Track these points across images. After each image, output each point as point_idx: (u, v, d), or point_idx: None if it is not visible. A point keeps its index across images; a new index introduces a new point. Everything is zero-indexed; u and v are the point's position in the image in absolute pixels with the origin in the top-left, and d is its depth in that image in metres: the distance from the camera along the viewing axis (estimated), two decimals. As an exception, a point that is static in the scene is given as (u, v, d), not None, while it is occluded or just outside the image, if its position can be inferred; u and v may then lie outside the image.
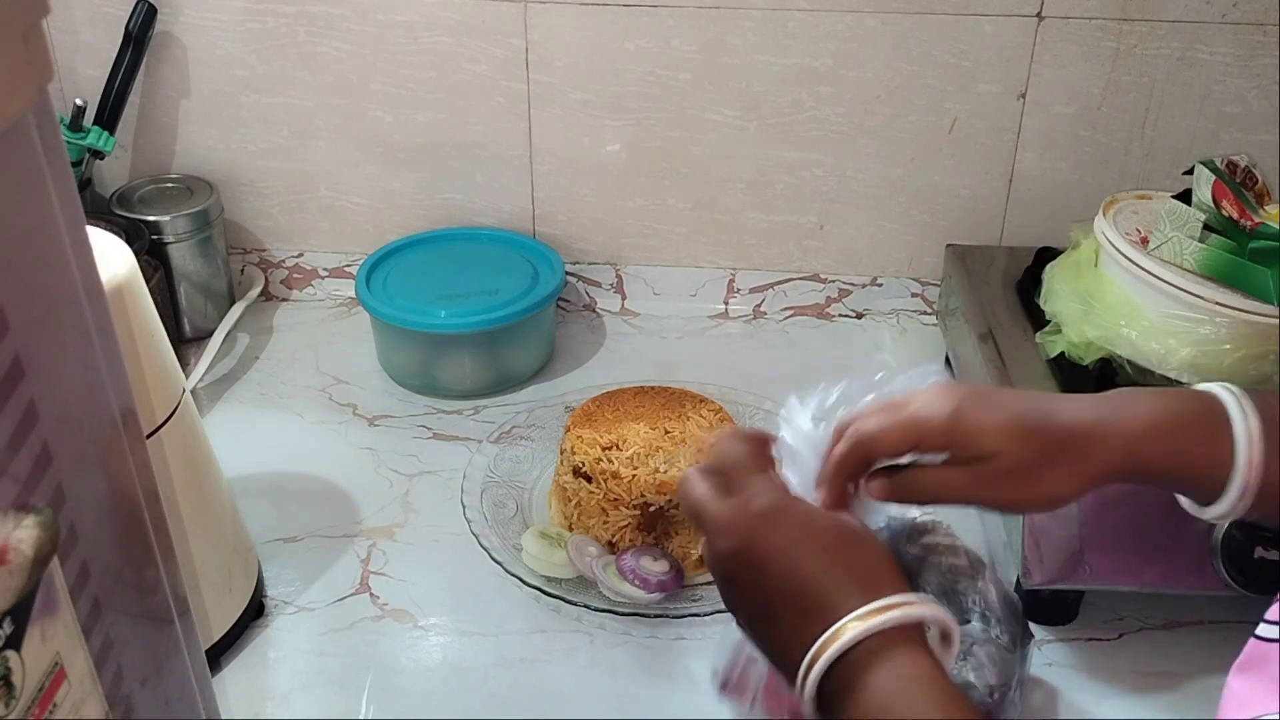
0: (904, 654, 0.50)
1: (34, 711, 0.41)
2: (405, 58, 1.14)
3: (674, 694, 0.81)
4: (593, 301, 1.25)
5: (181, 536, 0.76)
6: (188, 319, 1.18)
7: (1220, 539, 0.80)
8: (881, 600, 0.51)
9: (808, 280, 1.23)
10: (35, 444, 0.40)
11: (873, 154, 1.16)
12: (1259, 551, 0.79)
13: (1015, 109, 1.12)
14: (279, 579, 0.90)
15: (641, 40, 1.11)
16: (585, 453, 0.89)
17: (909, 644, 0.51)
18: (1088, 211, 0.93)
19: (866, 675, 0.50)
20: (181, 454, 0.76)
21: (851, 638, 0.50)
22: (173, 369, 0.76)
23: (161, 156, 1.20)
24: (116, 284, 0.68)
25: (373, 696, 0.80)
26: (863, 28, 1.09)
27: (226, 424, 1.07)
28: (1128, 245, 0.87)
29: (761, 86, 1.13)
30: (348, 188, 1.21)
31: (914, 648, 0.51)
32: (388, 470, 1.01)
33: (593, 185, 1.19)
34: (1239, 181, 0.86)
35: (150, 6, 1.10)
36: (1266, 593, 0.80)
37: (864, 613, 0.50)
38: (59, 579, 0.42)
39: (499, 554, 0.88)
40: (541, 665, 0.83)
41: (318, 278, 1.26)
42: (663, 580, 0.85)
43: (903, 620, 0.50)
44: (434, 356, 1.10)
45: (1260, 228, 0.83)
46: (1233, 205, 0.84)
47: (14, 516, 0.39)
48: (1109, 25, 1.08)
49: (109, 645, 0.47)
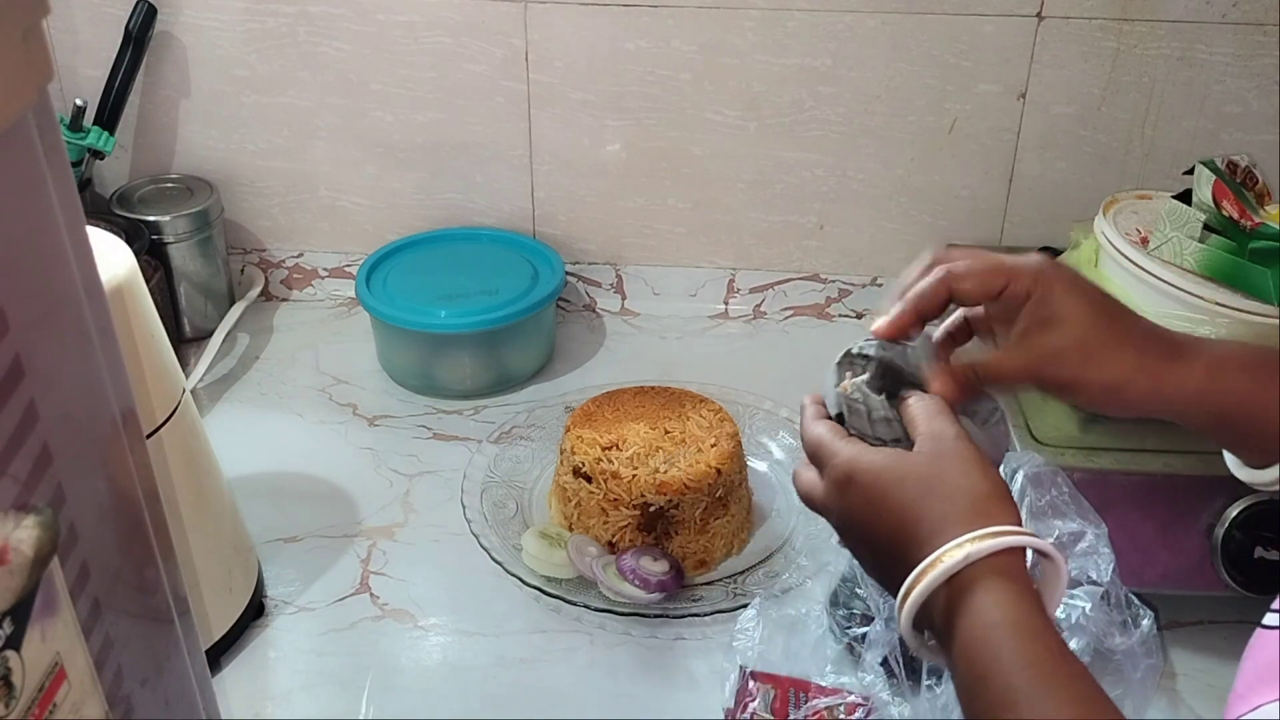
0: (998, 588, 0.50)
1: (34, 711, 0.41)
2: (405, 58, 1.14)
3: (674, 694, 0.81)
4: (593, 301, 1.25)
5: (181, 536, 0.76)
6: (188, 319, 1.18)
7: (1220, 539, 0.80)
8: (982, 530, 0.51)
9: (808, 280, 1.23)
10: (35, 444, 0.40)
11: (873, 154, 1.16)
12: (1259, 551, 0.79)
13: (1015, 109, 1.12)
14: (279, 579, 0.90)
15: (641, 40, 1.11)
16: (585, 453, 0.89)
17: (1005, 578, 0.50)
18: (1088, 211, 0.93)
19: (959, 611, 0.50)
20: (181, 454, 0.76)
21: (947, 567, 0.50)
22: (173, 369, 0.76)
23: (161, 156, 1.20)
24: (116, 284, 0.68)
25: (373, 696, 0.80)
26: (863, 28, 1.09)
27: (226, 424, 1.07)
28: (1128, 245, 0.87)
29: (761, 86, 1.13)
30: (348, 188, 1.21)
31: (1009, 582, 0.50)
32: (388, 470, 1.01)
33: (593, 185, 1.19)
34: (1239, 181, 0.86)
35: (150, 6, 1.10)
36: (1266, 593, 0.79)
37: (962, 541, 0.51)
38: (59, 579, 0.42)
39: (499, 554, 0.88)
40: (541, 665, 0.83)
41: (318, 278, 1.26)
42: (663, 580, 0.85)
43: (996, 549, 0.50)
44: (434, 356, 1.10)
45: (1260, 228, 0.83)
46: (1233, 205, 0.84)
47: (14, 516, 0.39)
48: (1109, 25, 1.08)
49: (109, 645, 0.47)
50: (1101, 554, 0.72)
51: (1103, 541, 0.72)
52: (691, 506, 0.88)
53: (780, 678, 0.75)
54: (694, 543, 0.89)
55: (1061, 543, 0.72)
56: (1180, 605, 0.86)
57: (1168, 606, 0.86)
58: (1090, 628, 0.70)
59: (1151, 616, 0.72)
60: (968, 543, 0.51)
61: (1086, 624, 0.70)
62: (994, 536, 0.51)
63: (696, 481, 0.87)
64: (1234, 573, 0.80)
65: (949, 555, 0.51)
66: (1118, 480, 0.81)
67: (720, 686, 0.77)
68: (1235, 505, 0.80)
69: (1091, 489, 0.79)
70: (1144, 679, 0.71)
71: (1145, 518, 0.81)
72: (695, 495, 0.87)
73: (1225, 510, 0.80)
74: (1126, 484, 0.81)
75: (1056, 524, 0.72)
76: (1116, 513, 0.79)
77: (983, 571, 0.50)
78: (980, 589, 0.50)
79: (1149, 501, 0.81)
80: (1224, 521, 0.80)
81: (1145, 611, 0.73)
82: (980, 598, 0.50)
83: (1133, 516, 0.81)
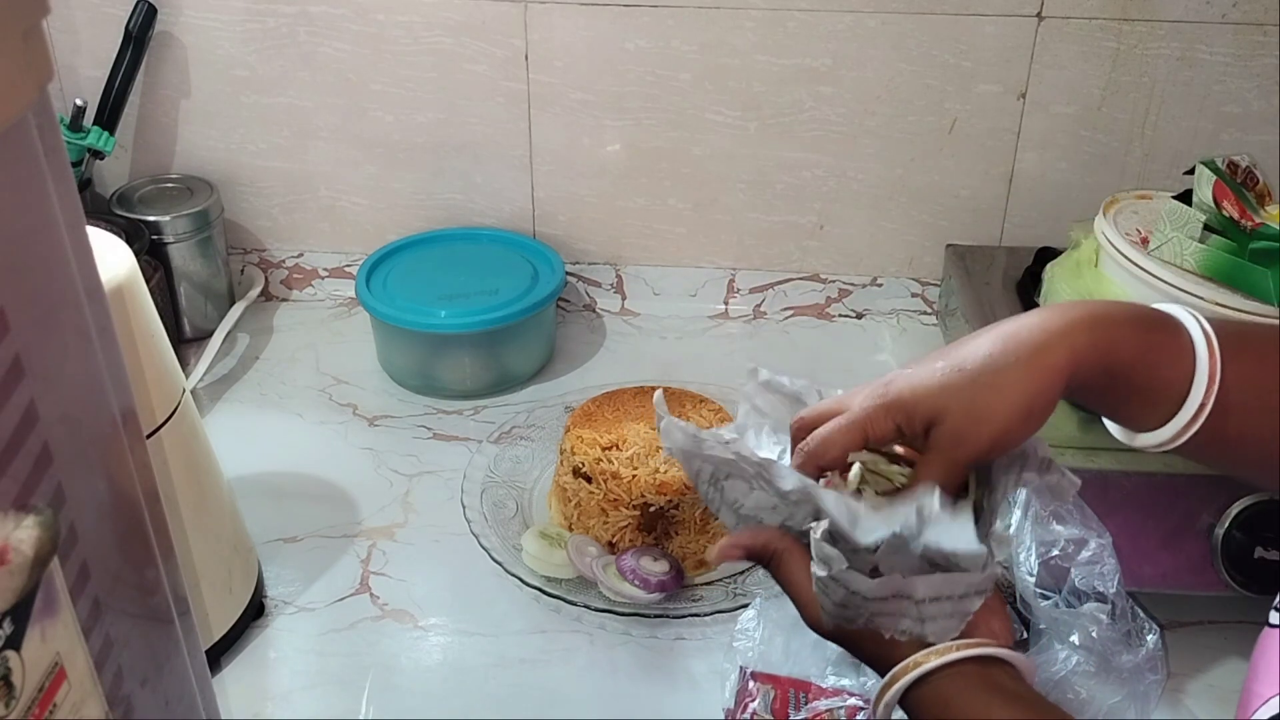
0: (978, 676, 0.53)
1: (34, 711, 0.41)
2: (405, 58, 1.14)
3: (674, 694, 0.81)
4: (593, 301, 1.25)
5: (181, 536, 0.76)
6: (188, 319, 1.18)
7: (1220, 539, 0.80)
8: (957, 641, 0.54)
9: (808, 280, 1.23)
10: (35, 444, 0.40)
11: (873, 154, 1.16)
12: (1259, 551, 0.79)
13: (1015, 109, 1.12)
14: (279, 579, 0.90)
15: (641, 40, 1.11)
16: (585, 453, 0.89)
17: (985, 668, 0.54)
18: (1088, 211, 0.93)
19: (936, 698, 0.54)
20: (181, 454, 0.76)
21: (923, 670, 0.54)
22: (173, 369, 0.76)
23: (161, 156, 1.20)
24: (116, 284, 0.68)
25: (373, 696, 0.80)
26: (863, 28, 1.09)
27: (226, 424, 1.07)
28: (1128, 245, 0.87)
29: (761, 86, 1.13)
30: (348, 188, 1.21)
31: (989, 670, 0.54)
32: (388, 470, 1.01)
33: (593, 185, 1.19)
34: (1240, 182, 0.86)
35: (150, 6, 1.10)
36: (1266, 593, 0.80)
37: (939, 648, 0.54)
38: (59, 579, 0.42)
39: (499, 554, 0.88)
40: (541, 665, 0.83)
41: (318, 278, 1.26)
42: (663, 580, 0.85)
43: (972, 656, 0.53)
44: (434, 356, 1.10)
45: (1261, 228, 0.83)
46: (1233, 205, 0.84)
47: (14, 516, 0.39)
48: (1109, 25, 1.08)
49: (109, 645, 0.47)
50: (1106, 564, 0.72)
51: (1107, 551, 0.72)
52: (691, 506, 0.88)
53: (780, 678, 0.75)
54: (694, 543, 0.89)
55: (1066, 552, 0.72)
56: (1180, 605, 0.86)
57: (1168, 606, 0.86)
58: (1097, 647, 0.70)
59: (1158, 632, 0.72)
60: (948, 650, 0.54)
61: (1093, 645, 0.70)
62: (970, 647, 0.54)
63: (696, 481, 0.87)
64: (1234, 573, 0.80)
65: (927, 660, 0.54)
66: (1118, 480, 0.81)
67: (720, 687, 0.77)
68: (1235, 505, 0.80)
69: (1091, 489, 0.79)
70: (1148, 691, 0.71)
71: (1145, 518, 0.81)
72: (695, 495, 0.87)
73: (1225, 510, 0.80)
74: (1126, 484, 0.81)
75: (1060, 531, 0.72)
76: (1116, 513, 0.79)
77: (956, 673, 0.54)
78: (955, 686, 0.54)
79: (1149, 501, 0.81)
80: (1224, 521, 0.80)
81: (1151, 625, 0.73)
82: (954, 693, 0.54)
83: (1133, 517, 0.81)
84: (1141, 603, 0.75)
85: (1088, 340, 0.55)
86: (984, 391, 0.55)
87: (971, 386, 0.55)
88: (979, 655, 0.54)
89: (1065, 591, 0.76)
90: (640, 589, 0.84)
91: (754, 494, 0.59)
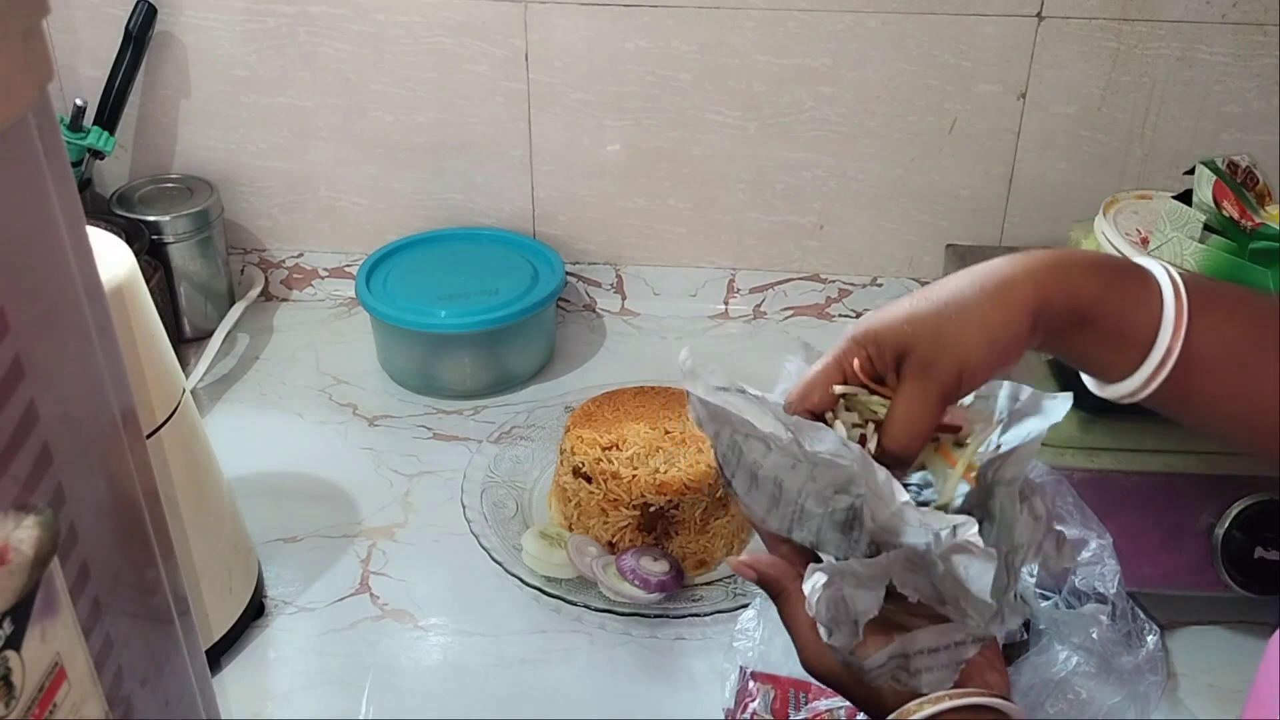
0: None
1: (34, 711, 0.41)
2: (405, 58, 1.14)
3: (674, 694, 0.81)
4: (593, 301, 1.25)
5: (181, 536, 0.76)
6: (188, 319, 1.18)
7: (1220, 539, 0.80)
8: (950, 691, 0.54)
9: (808, 280, 1.23)
10: (35, 444, 0.40)
11: (873, 154, 1.16)
12: (1259, 551, 0.79)
13: (1015, 109, 1.12)
14: (279, 579, 0.90)
15: (641, 40, 1.11)
16: (585, 453, 0.89)
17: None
18: (1088, 211, 0.93)
19: None
20: (181, 454, 0.76)
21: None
22: (173, 369, 0.76)
23: (161, 156, 1.20)
24: (116, 284, 0.68)
25: (373, 696, 0.80)
26: (863, 28, 1.09)
27: (226, 424, 1.07)
28: (1128, 245, 0.87)
29: (761, 86, 1.13)
30: (348, 188, 1.21)
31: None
32: (388, 470, 1.01)
33: (593, 185, 1.19)
34: (1240, 182, 0.86)
35: (150, 6, 1.10)
36: (1266, 593, 0.80)
37: (933, 697, 0.54)
38: (59, 579, 0.42)
39: (499, 554, 0.88)
40: (541, 665, 0.83)
41: (318, 278, 1.26)
42: (663, 580, 0.85)
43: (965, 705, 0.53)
44: (434, 356, 1.10)
45: (1261, 228, 0.83)
46: (1233, 205, 0.84)
47: (14, 516, 0.39)
48: (1109, 25, 1.08)
49: (109, 645, 0.47)
50: (1107, 565, 0.72)
51: (1108, 551, 0.72)
52: (691, 506, 0.88)
53: (780, 678, 0.75)
54: (694, 543, 0.89)
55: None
56: (1180, 605, 0.86)
57: (1168, 606, 0.86)
58: (1097, 648, 0.70)
59: (1158, 633, 0.72)
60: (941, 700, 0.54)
61: (1094, 645, 0.70)
62: (963, 696, 0.54)
63: (696, 481, 0.87)
64: (1234, 573, 0.80)
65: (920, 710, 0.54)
66: (1118, 480, 0.81)
67: (720, 686, 0.77)
68: (1235, 505, 0.80)
69: (1091, 489, 0.79)
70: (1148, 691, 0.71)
71: (1145, 518, 0.81)
72: (695, 495, 0.87)
73: (1225, 510, 0.80)
74: (1126, 484, 0.81)
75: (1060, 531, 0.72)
76: (1116, 513, 0.79)
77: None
78: None
79: (1149, 501, 0.81)
80: (1224, 521, 0.80)
81: (1151, 627, 0.73)
82: None
83: (1133, 516, 0.81)
84: (1141, 603, 0.75)
85: (1051, 277, 0.56)
86: (950, 321, 0.56)
87: (938, 316, 0.56)
88: (972, 704, 0.54)
89: (1065, 592, 0.76)
90: (640, 589, 0.84)
91: (772, 454, 0.58)
